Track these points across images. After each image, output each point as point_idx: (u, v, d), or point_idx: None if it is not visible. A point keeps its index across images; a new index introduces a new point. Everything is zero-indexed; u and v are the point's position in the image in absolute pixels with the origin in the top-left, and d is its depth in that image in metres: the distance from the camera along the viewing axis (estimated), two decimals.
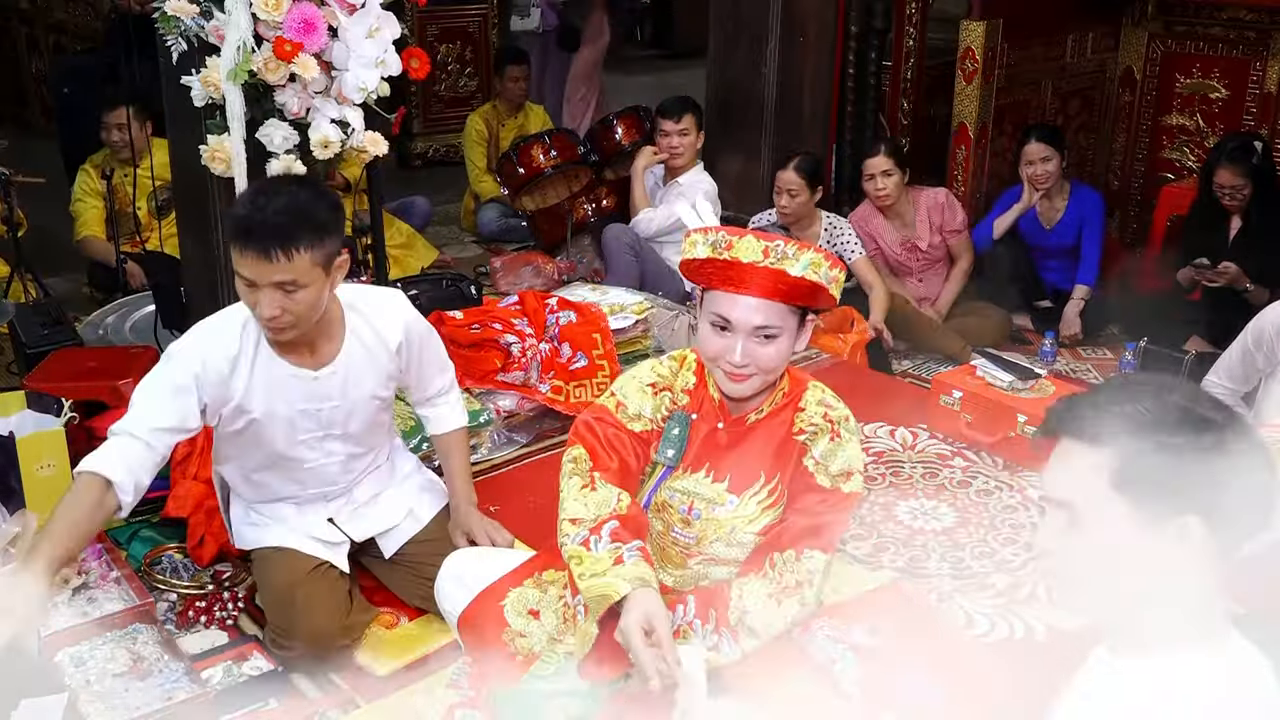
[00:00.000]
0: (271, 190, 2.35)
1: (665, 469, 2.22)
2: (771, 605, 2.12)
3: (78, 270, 5.18)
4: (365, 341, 2.56)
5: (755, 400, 2.20)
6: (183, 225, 3.80)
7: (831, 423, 2.18)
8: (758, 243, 2.03)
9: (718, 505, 2.19)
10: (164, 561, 3.00)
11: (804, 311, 2.12)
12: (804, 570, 2.13)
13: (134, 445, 2.33)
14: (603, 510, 2.10)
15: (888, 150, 4.72)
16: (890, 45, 5.27)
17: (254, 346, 2.46)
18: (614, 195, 5.49)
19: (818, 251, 2.04)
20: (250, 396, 2.47)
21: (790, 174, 4.57)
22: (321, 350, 2.51)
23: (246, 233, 2.26)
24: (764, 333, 2.07)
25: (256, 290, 2.31)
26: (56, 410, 3.11)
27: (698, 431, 2.22)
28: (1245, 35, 5.20)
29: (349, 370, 2.54)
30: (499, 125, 6.25)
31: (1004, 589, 2.91)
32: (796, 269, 2.02)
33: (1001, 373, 3.70)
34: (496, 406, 3.65)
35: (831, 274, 2.06)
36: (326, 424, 2.57)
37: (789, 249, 2.03)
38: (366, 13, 3.04)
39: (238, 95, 2.98)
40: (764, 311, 2.06)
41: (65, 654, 2.50)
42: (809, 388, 2.23)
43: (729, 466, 2.20)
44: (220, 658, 2.65)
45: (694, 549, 2.22)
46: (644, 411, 2.23)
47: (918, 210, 4.85)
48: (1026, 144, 4.88)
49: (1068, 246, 4.98)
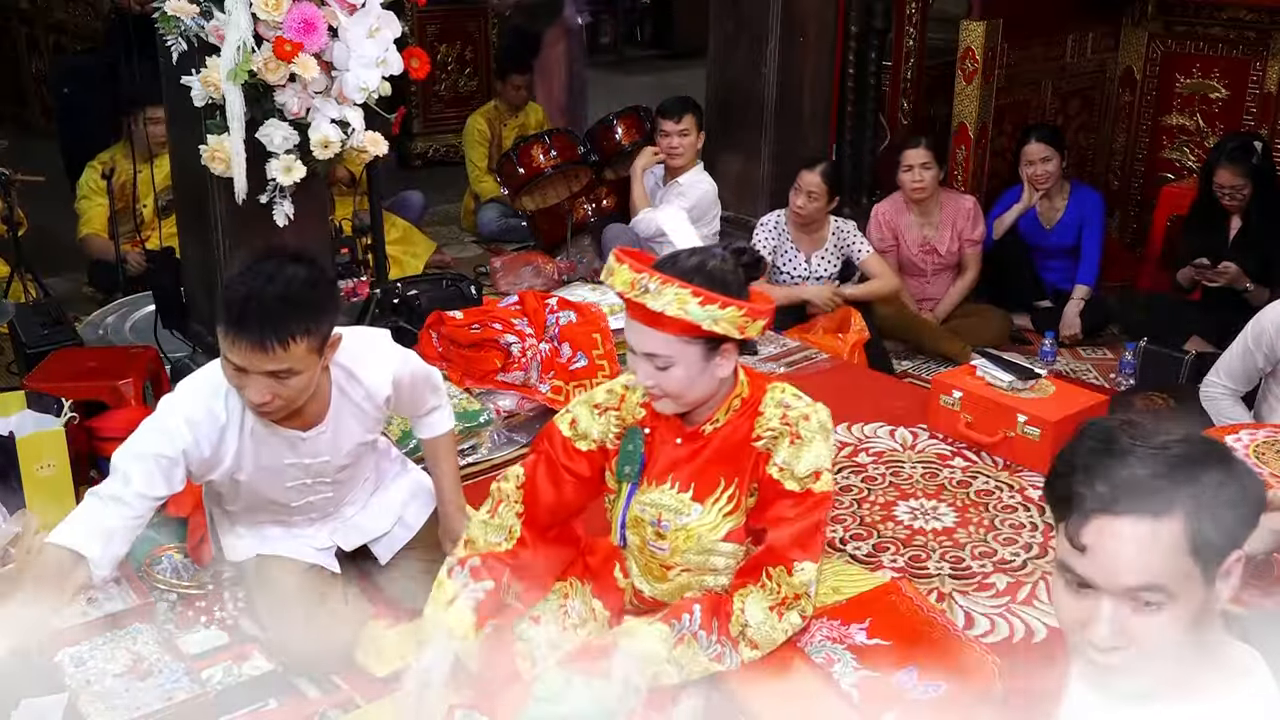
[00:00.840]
0: (265, 272, 2.18)
1: (631, 485, 2.24)
2: (773, 619, 2.13)
3: (78, 270, 5.18)
4: (353, 398, 2.47)
5: (707, 411, 2.19)
6: (183, 225, 3.81)
7: (790, 425, 2.15)
8: (628, 274, 2.01)
9: (683, 515, 2.19)
10: (164, 561, 2.99)
11: (709, 339, 2.05)
12: (798, 583, 2.14)
13: (121, 511, 2.26)
14: (487, 546, 2.25)
15: (928, 144, 4.74)
16: (890, 45, 5.26)
17: (240, 413, 2.36)
18: (614, 195, 5.49)
19: (685, 287, 1.98)
20: (239, 461, 2.41)
21: (815, 176, 4.55)
22: (309, 413, 2.41)
23: (238, 321, 2.13)
24: (655, 362, 2.05)
25: (245, 375, 2.19)
26: (56, 410, 3.11)
27: (656, 446, 2.23)
28: (1245, 35, 5.20)
29: (338, 427, 2.46)
30: (501, 125, 6.25)
31: (1004, 589, 2.91)
32: (656, 304, 1.98)
33: (1001, 373, 3.70)
34: (496, 406, 3.65)
35: (709, 312, 1.98)
36: (316, 474, 2.54)
37: (651, 283, 1.98)
38: (366, 13, 3.04)
39: (238, 95, 2.98)
40: (650, 340, 2.04)
41: (65, 654, 2.50)
42: (768, 391, 2.21)
43: (691, 476, 2.20)
44: (220, 658, 2.64)
45: (670, 560, 2.24)
46: (591, 432, 2.27)
47: (943, 213, 4.86)
48: (1026, 144, 4.89)
49: (1068, 246, 4.99)
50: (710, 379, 2.10)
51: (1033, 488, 3.40)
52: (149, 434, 2.33)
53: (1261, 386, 3.40)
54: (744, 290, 2.09)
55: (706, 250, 2.12)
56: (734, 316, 2.01)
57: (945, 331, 4.72)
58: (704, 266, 2.05)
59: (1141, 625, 1.25)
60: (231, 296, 2.15)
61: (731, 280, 2.07)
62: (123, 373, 3.42)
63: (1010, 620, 2.80)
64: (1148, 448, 1.25)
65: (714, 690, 2.14)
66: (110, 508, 2.25)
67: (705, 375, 2.09)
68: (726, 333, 2.02)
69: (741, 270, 2.11)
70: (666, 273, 2.01)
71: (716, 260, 2.07)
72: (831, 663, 2.17)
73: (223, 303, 2.17)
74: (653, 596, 2.27)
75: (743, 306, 2.02)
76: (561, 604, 2.33)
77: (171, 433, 2.31)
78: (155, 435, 2.32)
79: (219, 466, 2.40)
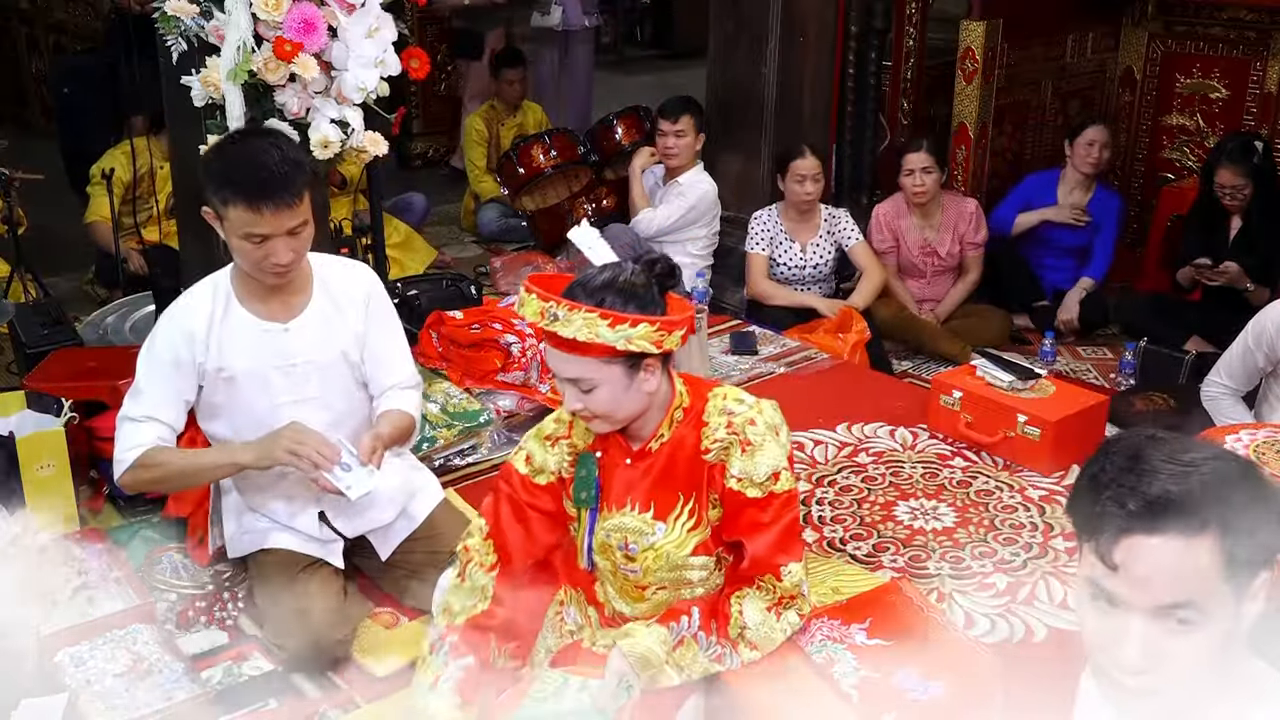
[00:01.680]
0: (257, 147, 2.43)
1: (592, 512, 2.20)
2: (770, 619, 2.13)
3: (78, 270, 5.18)
4: (332, 294, 2.62)
5: (650, 427, 2.15)
6: (183, 225, 3.80)
7: (737, 433, 2.11)
8: (536, 304, 1.98)
9: (649, 535, 2.16)
10: (164, 561, 3.00)
11: (629, 357, 2.00)
12: (789, 585, 2.13)
13: (157, 428, 2.51)
14: (464, 611, 2.21)
15: (929, 147, 4.74)
16: (890, 45, 5.26)
17: (224, 305, 2.54)
18: (614, 195, 5.49)
19: (593, 312, 1.94)
20: (225, 352, 2.53)
21: (811, 160, 4.60)
22: (291, 302, 2.58)
23: (265, 190, 2.34)
24: (579, 386, 2.03)
25: (269, 242, 2.39)
26: (56, 410, 3.11)
27: (609, 468, 2.19)
28: (1245, 35, 5.20)
29: (318, 324, 2.60)
30: (499, 124, 6.26)
31: (1004, 589, 2.91)
32: (567, 331, 1.95)
33: (1001, 373, 3.70)
34: (496, 406, 3.65)
35: (621, 333, 1.95)
36: (301, 382, 2.59)
37: (559, 310, 1.95)
38: (366, 13, 3.04)
39: (238, 95, 2.98)
40: (570, 366, 2.01)
41: (65, 654, 2.50)
42: (710, 399, 2.16)
43: (649, 495, 2.17)
44: (220, 658, 2.65)
45: (644, 580, 2.21)
46: (547, 465, 2.23)
47: (945, 215, 4.87)
48: (1088, 126, 4.96)
49: (1078, 245, 4.98)
50: (638, 395, 2.06)
51: (1033, 487, 3.40)
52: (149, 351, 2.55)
53: (1262, 386, 3.40)
54: (658, 303, 2.04)
55: (618, 265, 2.08)
56: (647, 333, 1.96)
57: (945, 332, 4.72)
58: (614, 283, 2.00)
59: (1173, 647, 1.23)
60: (247, 174, 2.36)
61: (644, 294, 2.02)
62: (123, 373, 3.40)
63: (1010, 620, 2.80)
64: (1178, 465, 1.23)
65: (714, 690, 2.14)
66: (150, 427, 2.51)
67: (632, 392, 2.05)
68: (643, 350, 1.98)
69: (655, 282, 2.05)
70: (575, 298, 1.98)
71: (627, 275, 2.02)
72: (832, 663, 2.17)
73: (234, 184, 2.36)
74: (634, 616, 2.25)
75: (655, 321, 1.97)
76: (558, 610, 2.33)
77: (166, 335, 2.53)
78: (152, 348, 2.54)
79: (210, 358, 2.53)
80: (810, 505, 3.33)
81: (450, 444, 3.48)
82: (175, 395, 2.54)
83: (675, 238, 4.95)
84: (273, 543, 2.67)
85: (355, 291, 2.66)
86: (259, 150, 2.41)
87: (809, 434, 3.73)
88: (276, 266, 2.44)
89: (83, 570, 2.75)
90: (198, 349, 2.52)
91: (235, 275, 2.59)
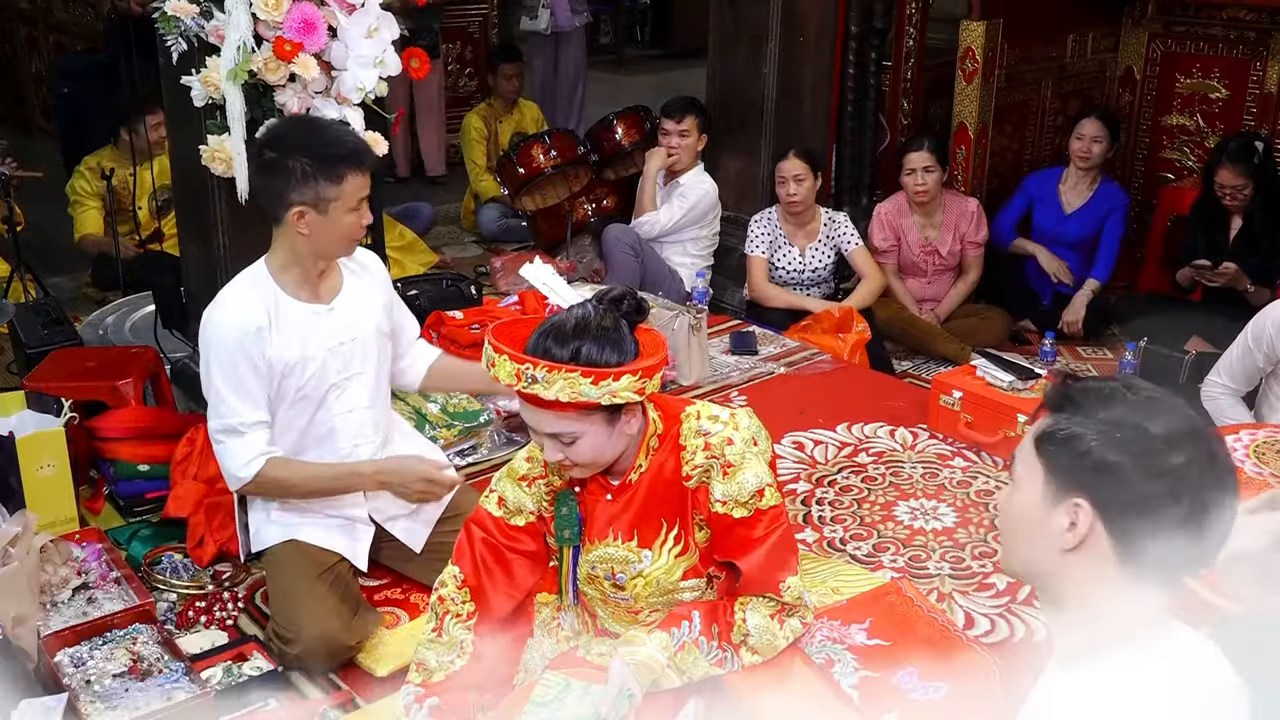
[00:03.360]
0: (324, 123, 2.72)
1: (575, 549, 2.17)
2: (774, 625, 2.12)
3: (78, 270, 5.18)
4: (355, 271, 2.75)
5: (627, 461, 2.11)
6: (182, 225, 3.80)
7: (716, 456, 2.07)
8: (511, 366, 1.91)
9: (636, 563, 2.14)
10: (164, 561, 3.00)
11: (610, 407, 1.95)
12: (790, 598, 2.13)
13: (262, 433, 2.58)
14: (441, 668, 2.17)
15: (931, 146, 4.74)
16: (890, 45, 5.26)
17: (273, 297, 2.60)
18: (614, 195, 5.48)
19: (574, 371, 1.88)
20: (284, 342, 2.58)
21: (793, 161, 4.60)
22: (327, 284, 2.68)
23: (358, 157, 2.53)
24: (560, 439, 1.98)
25: (359, 210, 2.55)
26: (56, 410, 3.11)
27: (590, 504, 2.16)
28: (1245, 35, 5.20)
29: (355, 300, 2.71)
30: (497, 123, 6.25)
31: (1004, 589, 2.91)
32: (549, 394, 1.89)
33: (1001, 373, 3.70)
34: (496, 407, 3.65)
35: (605, 388, 1.89)
36: (348, 360, 2.68)
37: (538, 373, 1.88)
38: (366, 13, 3.04)
39: (238, 95, 2.98)
40: (550, 421, 1.96)
41: (65, 654, 2.50)
42: (684, 420, 2.12)
43: (632, 525, 2.13)
44: (220, 658, 2.65)
45: (635, 605, 2.19)
46: (524, 506, 2.19)
47: (946, 215, 4.86)
48: (1084, 119, 4.95)
49: (1081, 239, 4.97)
50: (620, 439, 2.03)
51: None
52: (217, 356, 2.55)
53: (1262, 386, 3.40)
54: (631, 344, 1.98)
55: (583, 310, 1.99)
56: (630, 384, 1.91)
57: (945, 332, 4.72)
58: (586, 329, 1.94)
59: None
60: (349, 145, 2.56)
61: (616, 338, 1.96)
62: (123, 373, 3.42)
63: (1010, 620, 2.80)
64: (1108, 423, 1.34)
65: (715, 691, 2.14)
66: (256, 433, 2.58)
67: (614, 438, 2.01)
68: (627, 401, 1.94)
69: (624, 322, 2.00)
70: (549, 354, 1.91)
71: (596, 319, 1.96)
72: (832, 664, 2.17)
73: (345, 157, 2.50)
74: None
75: (636, 370, 1.92)
76: (554, 616, 2.32)
77: (232, 339, 2.53)
78: (222, 353, 2.54)
79: (272, 347, 2.57)
80: (810, 505, 3.33)
81: (450, 444, 3.48)
82: (260, 392, 2.57)
83: (676, 238, 4.96)
84: (302, 536, 2.69)
85: (371, 263, 2.80)
86: (330, 125, 2.68)
87: (809, 434, 3.73)
88: (359, 231, 2.60)
89: (83, 570, 2.74)
90: (264, 343, 2.56)
91: (276, 267, 2.62)
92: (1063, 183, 5.03)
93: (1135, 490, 1.30)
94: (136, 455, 3.24)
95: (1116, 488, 1.31)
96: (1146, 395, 1.34)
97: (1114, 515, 1.32)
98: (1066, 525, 1.34)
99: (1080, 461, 1.32)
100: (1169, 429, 1.31)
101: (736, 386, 4.10)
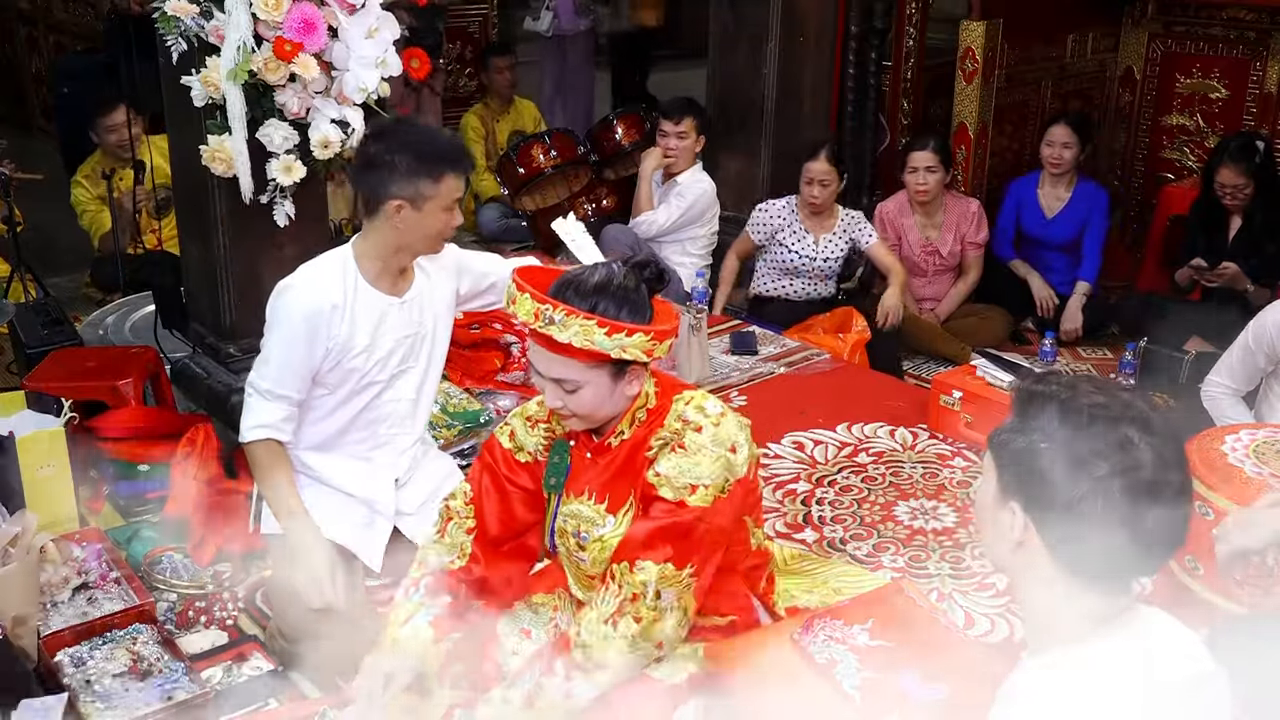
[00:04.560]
0: (417, 129, 2.73)
1: (557, 497, 2.22)
2: (606, 629, 2.04)
3: (78, 270, 5.18)
4: (425, 269, 2.80)
5: (611, 424, 2.15)
6: (183, 225, 3.80)
7: (677, 434, 2.07)
8: (531, 304, 1.98)
9: (599, 526, 2.15)
10: (164, 561, 3.00)
11: (617, 362, 2.01)
12: (637, 581, 2.04)
13: (282, 407, 2.63)
14: (440, 564, 2.24)
15: (935, 146, 4.74)
16: (890, 45, 5.26)
17: (354, 285, 2.66)
18: (614, 195, 5.48)
19: (590, 319, 1.95)
20: (355, 329, 2.65)
21: (822, 164, 4.59)
22: (406, 277, 2.75)
23: (457, 160, 2.62)
24: (563, 386, 2.04)
25: (453, 210, 2.63)
26: (56, 410, 3.11)
27: (576, 458, 2.21)
28: (1245, 35, 5.20)
29: (423, 295, 2.78)
30: (494, 121, 6.25)
31: (1004, 589, 2.91)
32: (563, 336, 1.95)
33: (1001, 373, 3.70)
34: (496, 406, 3.65)
35: (617, 341, 1.95)
36: (409, 353, 2.76)
37: (556, 314, 1.95)
38: (366, 13, 3.04)
39: (238, 95, 2.98)
40: (557, 366, 2.02)
41: (65, 654, 2.50)
42: (675, 401, 2.14)
43: (604, 489, 2.16)
44: (220, 658, 2.65)
45: (592, 570, 2.19)
46: (526, 445, 2.26)
47: (947, 215, 4.86)
48: (1054, 125, 4.93)
49: (1067, 241, 4.97)
50: (620, 398, 2.08)
51: None
52: (284, 320, 2.61)
53: (1262, 386, 3.40)
54: (648, 308, 2.04)
55: (608, 268, 2.05)
56: (641, 343, 1.97)
57: (945, 332, 4.72)
58: (607, 287, 2.00)
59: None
60: (450, 148, 2.65)
61: (635, 299, 2.02)
62: (123, 373, 3.42)
63: (1010, 620, 2.80)
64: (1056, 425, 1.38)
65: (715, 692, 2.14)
66: (280, 406, 2.64)
67: (615, 396, 2.07)
68: (635, 358, 1.99)
69: (644, 287, 2.05)
70: (568, 300, 1.98)
71: (619, 278, 2.02)
72: (834, 664, 2.17)
73: (447, 159, 2.59)
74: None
75: (649, 331, 1.98)
76: (551, 617, 2.32)
77: (300, 312, 2.59)
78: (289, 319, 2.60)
79: (341, 337, 2.63)
80: (810, 505, 3.33)
81: (450, 444, 3.48)
82: (305, 369, 2.63)
83: (674, 238, 4.96)
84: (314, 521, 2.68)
85: (444, 258, 2.82)
86: (433, 128, 2.86)
87: (809, 434, 3.73)
88: (453, 228, 2.67)
89: (83, 570, 2.74)
90: (333, 325, 2.62)
91: (363, 256, 2.67)
92: (1040, 187, 5.02)
93: (1060, 498, 1.34)
94: (136, 455, 3.24)
95: (1044, 494, 1.35)
96: (1090, 402, 1.36)
97: (1044, 520, 1.36)
98: (1008, 524, 1.39)
99: (1016, 467, 1.38)
100: (1097, 440, 1.33)
101: (736, 386, 4.10)
